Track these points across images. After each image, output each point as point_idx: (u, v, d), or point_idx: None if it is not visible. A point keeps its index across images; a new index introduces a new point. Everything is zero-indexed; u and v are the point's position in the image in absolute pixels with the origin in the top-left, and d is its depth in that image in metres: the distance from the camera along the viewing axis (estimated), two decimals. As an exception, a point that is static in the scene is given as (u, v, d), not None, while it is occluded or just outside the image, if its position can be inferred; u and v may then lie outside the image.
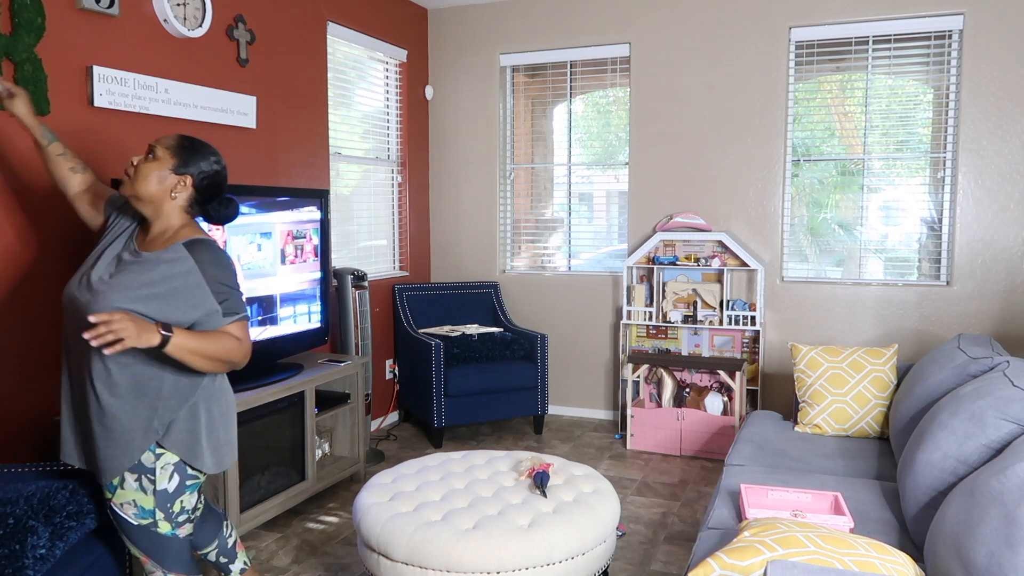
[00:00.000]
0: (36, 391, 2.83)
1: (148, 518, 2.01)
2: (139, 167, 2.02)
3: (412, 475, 2.83)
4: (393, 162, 5.27)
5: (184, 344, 1.86)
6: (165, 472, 2.01)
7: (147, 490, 2.00)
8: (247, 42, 3.80)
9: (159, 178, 2.01)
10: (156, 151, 2.02)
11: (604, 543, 2.56)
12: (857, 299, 4.63)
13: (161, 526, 2.03)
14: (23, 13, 2.68)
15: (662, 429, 4.51)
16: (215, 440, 2.09)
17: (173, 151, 2.02)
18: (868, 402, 3.25)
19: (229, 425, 2.15)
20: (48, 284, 2.85)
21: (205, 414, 2.06)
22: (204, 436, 2.05)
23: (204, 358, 1.91)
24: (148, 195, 2.01)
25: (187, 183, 2.04)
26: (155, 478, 2.00)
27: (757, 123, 4.73)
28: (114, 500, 2.03)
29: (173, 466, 2.02)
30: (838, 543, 1.68)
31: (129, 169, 2.03)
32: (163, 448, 2.00)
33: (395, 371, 5.19)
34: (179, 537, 2.07)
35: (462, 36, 5.43)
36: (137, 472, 2.00)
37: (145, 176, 2.00)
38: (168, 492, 2.02)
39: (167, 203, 2.03)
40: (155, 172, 2.01)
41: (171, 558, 2.07)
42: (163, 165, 2.01)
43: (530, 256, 5.58)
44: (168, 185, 2.02)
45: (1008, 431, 2.11)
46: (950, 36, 4.40)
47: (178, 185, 2.03)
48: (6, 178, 2.71)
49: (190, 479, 2.06)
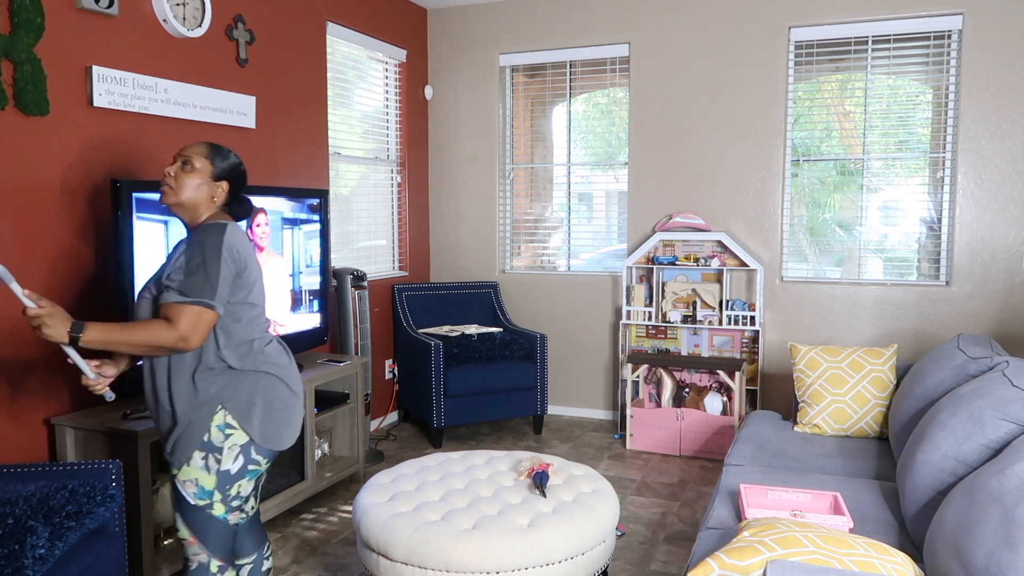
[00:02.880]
0: (36, 391, 2.83)
1: (206, 499, 2.07)
2: (180, 179, 2.12)
3: (412, 475, 2.83)
4: (392, 162, 5.27)
5: (99, 339, 1.92)
6: (232, 452, 2.07)
7: (211, 470, 2.06)
8: (246, 42, 3.80)
9: (200, 186, 2.14)
10: (194, 162, 2.13)
11: (603, 543, 2.56)
12: (856, 299, 4.63)
13: (216, 508, 2.09)
14: (22, 13, 2.68)
15: (662, 429, 4.51)
16: (272, 417, 2.13)
17: (210, 160, 2.15)
18: (867, 402, 3.25)
19: (290, 408, 2.19)
20: (48, 284, 2.85)
21: (266, 390, 2.13)
22: (260, 407, 2.11)
23: (126, 347, 1.95)
24: (192, 203, 2.13)
25: (224, 188, 2.18)
26: (221, 457, 2.06)
27: (757, 123, 4.74)
28: (179, 476, 2.08)
29: (240, 447, 2.08)
30: (837, 543, 1.68)
31: (169, 180, 2.12)
32: (233, 428, 2.06)
33: (395, 371, 5.19)
34: (228, 523, 2.13)
35: (462, 36, 5.43)
36: (205, 451, 2.05)
37: (189, 187, 2.12)
38: (230, 474, 2.08)
39: (207, 208, 2.16)
40: (196, 181, 2.13)
41: (217, 542, 2.12)
42: (203, 174, 2.14)
43: (530, 256, 5.58)
44: (209, 192, 2.15)
45: (1007, 431, 2.11)
46: (949, 36, 4.40)
47: (217, 191, 2.17)
48: (6, 177, 2.71)
49: (252, 464, 2.12)
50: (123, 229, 2.81)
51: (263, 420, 2.11)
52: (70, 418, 2.83)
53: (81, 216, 2.97)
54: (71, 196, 2.93)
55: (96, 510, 2.25)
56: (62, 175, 2.90)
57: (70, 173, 2.93)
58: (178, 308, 1.96)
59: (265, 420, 2.11)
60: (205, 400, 2.05)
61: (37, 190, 2.81)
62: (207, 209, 2.16)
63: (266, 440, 2.12)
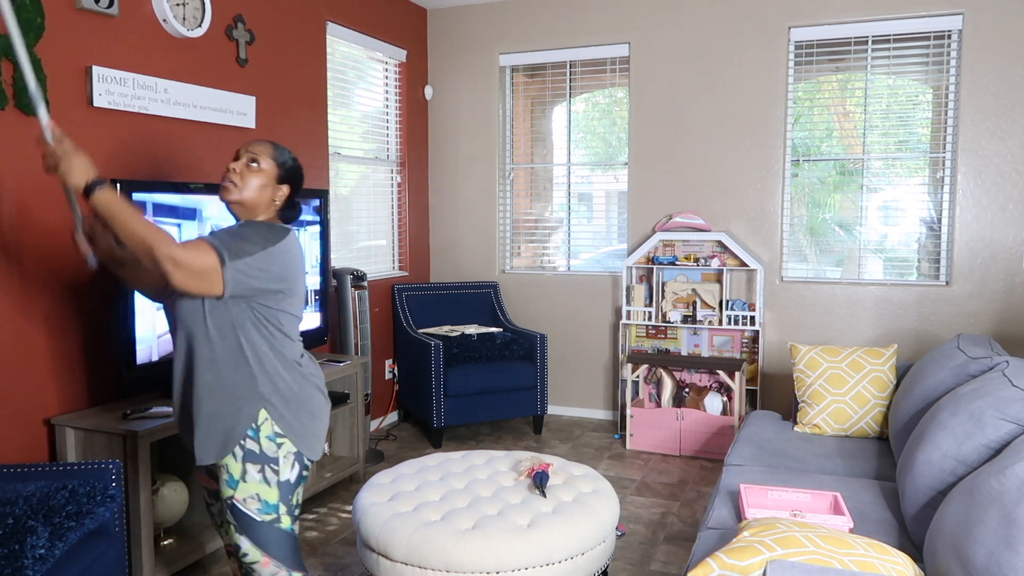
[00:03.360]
0: (36, 391, 2.82)
1: (272, 513, 2.00)
2: (244, 176, 2.06)
3: (412, 475, 2.83)
4: (392, 162, 5.27)
5: (108, 205, 1.83)
6: (288, 461, 2.01)
7: (271, 482, 1.99)
8: (246, 42, 3.80)
9: (264, 187, 2.08)
10: (260, 161, 2.07)
11: (603, 543, 2.56)
12: (856, 299, 4.63)
13: (283, 520, 2.02)
14: (23, 13, 2.68)
15: (661, 429, 4.51)
16: (313, 427, 2.09)
17: (277, 162, 2.10)
18: (867, 402, 3.25)
19: (324, 419, 2.15)
20: (47, 284, 2.85)
21: (308, 397, 2.08)
22: (305, 417, 2.06)
23: (124, 227, 1.82)
24: (254, 203, 2.07)
25: (285, 192, 2.13)
26: (279, 468, 2.00)
27: (757, 123, 4.74)
28: (236, 496, 1.98)
29: (294, 455, 2.03)
30: (837, 543, 1.68)
31: (233, 176, 2.05)
32: (283, 437, 2.00)
33: (394, 371, 5.19)
34: (295, 534, 2.07)
35: (462, 36, 5.43)
36: (260, 463, 1.98)
37: (253, 186, 2.06)
38: (290, 483, 2.02)
39: (266, 209, 2.11)
40: (261, 181, 2.07)
41: (292, 556, 2.05)
42: (268, 175, 2.08)
43: (530, 256, 5.58)
44: (271, 194, 2.10)
45: (1007, 431, 2.11)
46: (949, 36, 4.40)
47: (279, 193, 2.12)
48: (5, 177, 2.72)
49: (304, 470, 2.07)
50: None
51: (307, 430, 2.06)
52: (70, 418, 2.83)
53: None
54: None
55: (96, 510, 2.25)
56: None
57: (70, 173, 2.92)
58: (195, 241, 1.89)
59: (308, 430, 2.06)
60: (251, 397, 1.98)
61: (37, 190, 2.81)
62: (265, 211, 2.10)
63: (308, 451, 2.07)
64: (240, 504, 1.98)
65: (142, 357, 2.93)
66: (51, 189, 2.85)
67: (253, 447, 1.98)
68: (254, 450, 1.98)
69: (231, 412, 1.98)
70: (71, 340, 2.94)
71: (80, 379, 2.98)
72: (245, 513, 1.98)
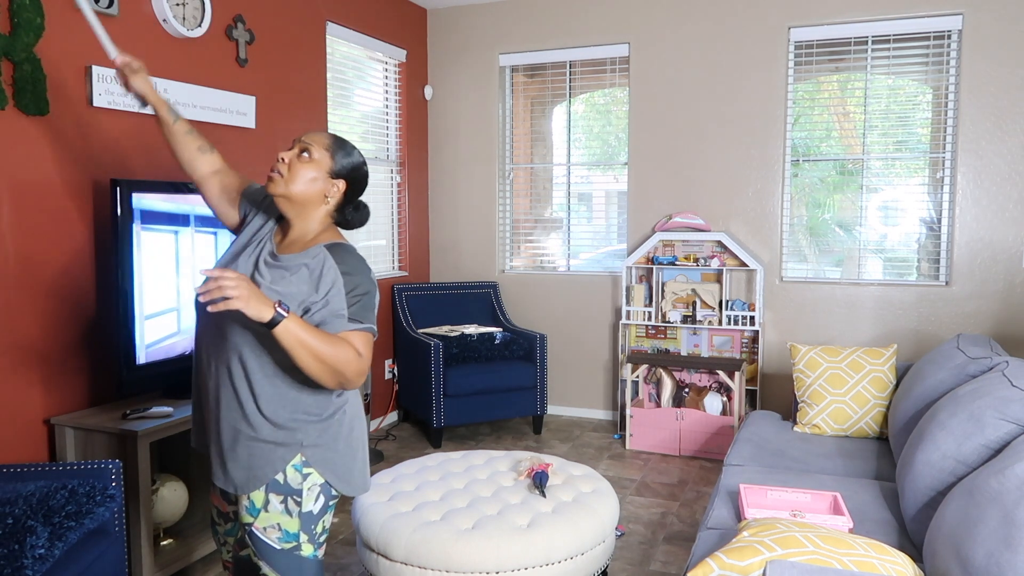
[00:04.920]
0: (36, 391, 2.82)
1: (292, 541, 1.87)
2: (294, 167, 1.84)
3: (411, 475, 2.83)
4: (392, 162, 5.27)
5: (297, 332, 1.63)
6: (312, 493, 1.87)
7: (292, 512, 1.86)
8: (246, 42, 3.80)
9: (315, 180, 1.85)
10: (312, 151, 1.85)
11: (603, 543, 2.56)
12: (856, 299, 4.63)
13: (304, 548, 1.89)
14: (22, 13, 2.68)
15: (661, 429, 4.51)
16: (358, 462, 1.95)
17: (332, 153, 1.88)
18: (867, 402, 3.25)
19: (365, 450, 2.00)
20: (47, 284, 2.85)
21: (348, 435, 1.92)
22: (347, 456, 1.92)
23: (313, 357, 1.66)
24: (302, 198, 1.85)
25: (340, 188, 1.89)
26: (302, 500, 1.86)
27: (756, 123, 4.74)
28: (256, 524, 1.86)
29: (320, 487, 1.88)
30: (837, 543, 1.68)
31: (280, 167, 1.84)
32: (310, 468, 1.86)
33: (394, 371, 5.19)
34: (319, 559, 1.94)
35: (461, 36, 5.43)
36: (283, 494, 1.84)
37: (302, 178, 1.84)
38: (313, 514, 1.89)
39: (318, 207, 1.88)
40: (311, 174, 1.85)
41: None
42: (320, 167, 1.85)
43: (529, 256, 5.58)
44: (322, 188, 1.87)
45: (1007, 431, 2.11)
46: (949, 36, 4.40)
47: (332, 189, 1.88)
48: (4, 177, 2.71)
49: (332, 499, 1.93)
50: (123, 228, 2.81)
51: (349, 466, 1.90)
52: (70, 418, 2.83)
53: (80, 216, 2.97)
54: (70, 196, 2.93)
55: (96, 510, 2.25)
56: (61, 175, 2.90)
57: (69, 173, 2.92)
58: (361, 335, 1.74)
59: (350, 466, 1.90)
60: (289, 441, 1.83)
61: (36, 190, 2.81)
62: (316, 208, 1.88)
63: (354, 489, 1.91)
64: (259, 532, 1.87)
65: (143, 357, 2.93)
66: (51, 189, 2.85)
67: (278, 477, 1.85)
68: (279, 480, 1.85)
69: (265, 446, 1.84)
70: (71, 340, 2.94)
71: (80, 379, 2.98)
72: (265, 542, 1.87)
